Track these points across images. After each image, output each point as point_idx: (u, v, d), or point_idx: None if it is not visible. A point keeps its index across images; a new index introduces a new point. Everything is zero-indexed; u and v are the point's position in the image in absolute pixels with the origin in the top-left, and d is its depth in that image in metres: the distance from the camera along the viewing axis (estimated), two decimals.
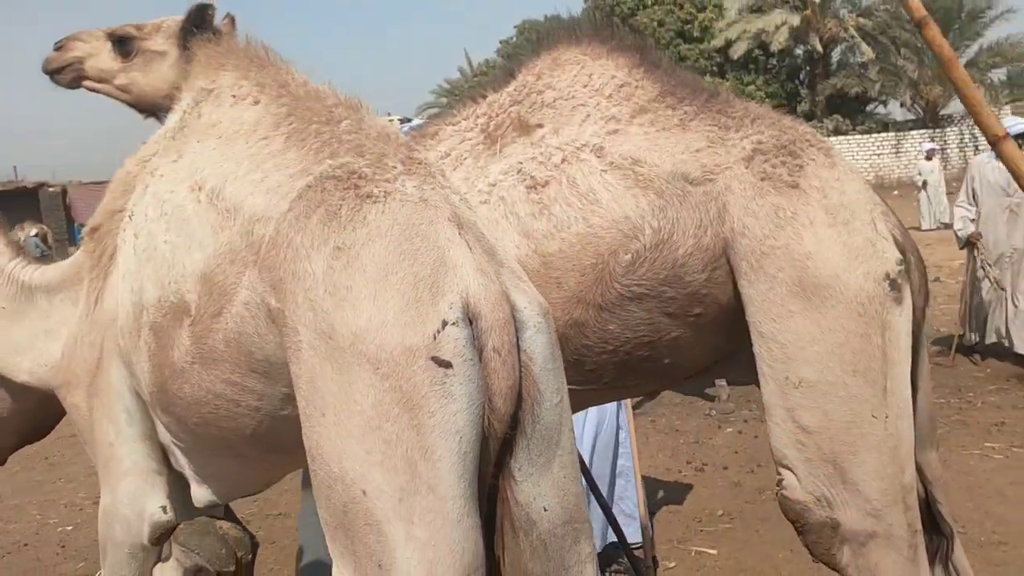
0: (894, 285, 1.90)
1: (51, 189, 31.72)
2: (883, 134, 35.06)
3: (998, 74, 37.81)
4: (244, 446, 1.86)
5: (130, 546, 2.13)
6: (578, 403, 2.37)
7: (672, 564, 4.36)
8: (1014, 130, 6.98)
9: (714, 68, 37.35)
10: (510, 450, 1.52)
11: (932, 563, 2.04)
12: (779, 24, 34.61)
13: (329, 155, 1.67)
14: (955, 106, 36.79)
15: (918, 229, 17.95)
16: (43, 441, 2.87)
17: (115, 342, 2.00)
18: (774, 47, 35.09)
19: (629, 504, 4.24)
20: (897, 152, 34.15)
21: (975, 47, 35.24)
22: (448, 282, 1.47)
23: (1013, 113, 35.65)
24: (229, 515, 3.11)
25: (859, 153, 33.83)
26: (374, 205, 1.55)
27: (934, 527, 2.09)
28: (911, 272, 1.97)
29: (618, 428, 4.21)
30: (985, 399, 6.64)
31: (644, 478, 4.42)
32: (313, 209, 1.57)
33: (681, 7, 37.52)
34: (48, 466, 6.84)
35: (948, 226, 17.11)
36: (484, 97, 2.31)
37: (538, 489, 1.54)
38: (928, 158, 19.80)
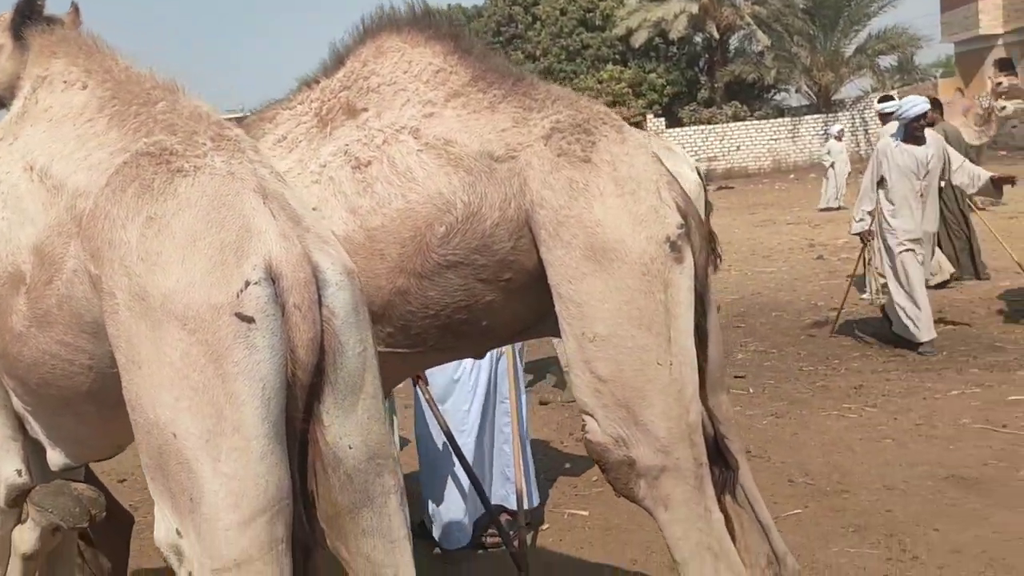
0: (674, 247, 2.14)
1: None
2: (780, 119, 36.16)
3: (888, 60, 39.29)
4: (82, 404, 2.00)
5: None
6: (408, 366, 2.57)
7: (546, 526, 4.60)
8: (913, 111, 7.11)
9: (616, 56, 37.87)
10: (318, 396, 1.70)
11: (721, 492, 2.29)
12: (678, 12, 35.33)
13: (145, 134, 1.84)
14: (846, 91, 38.20)
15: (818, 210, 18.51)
16: None
17: None
18: (673, 35, 35.79)
19: (508, 468, 4.44)
20: (794, 137, 35.24)
21: (864, 34, 36.59)
22: (252, 246, 1.64)
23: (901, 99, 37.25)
24: (91, 479, 3.22)
25: (757, 138, 34.83)
26: (184, 179, 1.71)
27: (723, 461, 2.35)
28: (692, 235, 2.21)
29: (501, 396, 4.40)
30: (848, 365, 7.08)
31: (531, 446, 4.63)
32: (128, 183, 1.73)
33: None
34: None
35: (844, 208, 17.83)
36: (317, 83, 2.48)
37: (344, 429, 1.73)
38: (838, 138, 20.07)
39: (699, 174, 2.42)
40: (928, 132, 7.35)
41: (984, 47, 37.13)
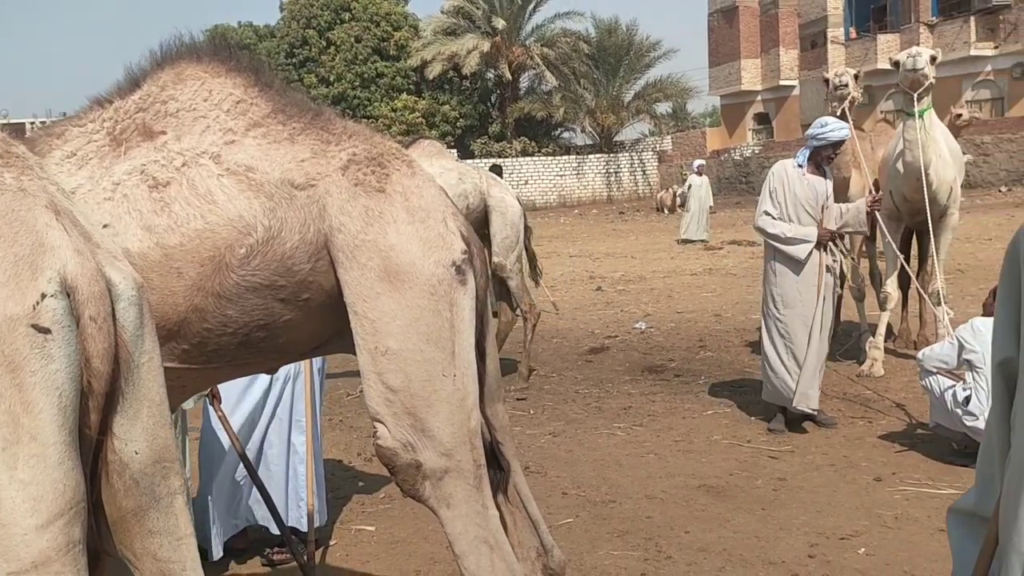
0: (460, 270, 2.40)
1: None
2: (566, 156, 37.93)
3: (664, 107, 42.19)
4: None
5: None
6: (205, 380, 2.66)
7: (333, 542, 4.71)
8: (835, 135, 6.05)
9: (411, 87, 38.34)
10: (110, 405, 1.78)
11: (496, 492, 2.55)
12: (471, 48, 36.37)
13: None
14: (626, 133, 40.68)
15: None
16: None
17: None
18: (466, 70, 36.78)
19: (303, 489, 4.51)
20: (578, 174, 37.03)
21: (642, 82, 39.16)
22: (46, 260, 1.70)
23: (674, 143, 40.13)
24: None
25: (544, 174, 36.34)
26: None
27: (497, 464, 2.61)
28: (474, 260, 2.47)
29: (297, 414, 4.47)
30: (619, 388, 7.66)
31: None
32: None
33: (378, 24, 38.20)
34: None
35: (704, 241, 18.94)
36: (111, 102, 2.53)
37: (130, 435, 1.82)
38: (699, 173, 21.11)
39: (520, 203, 2.69)
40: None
41: (745, 101, 40.84)
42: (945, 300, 7.15)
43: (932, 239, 7.29)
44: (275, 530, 4.24)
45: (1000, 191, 24.79)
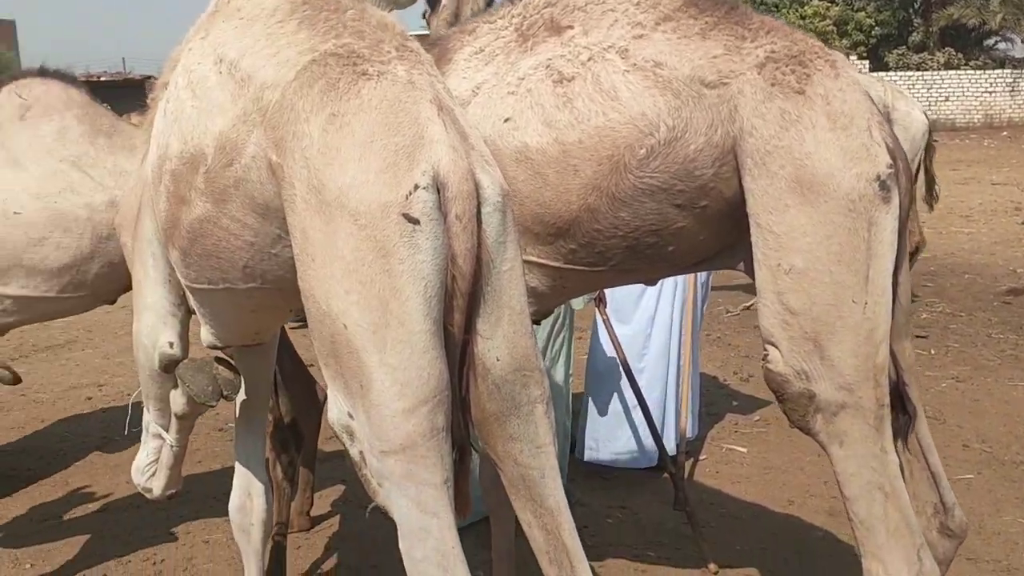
0: (883, 186, 2.11)
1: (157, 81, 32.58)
2: (999, 71, 33.27)
3: None
4: (236, 278, 2.14)
5: (148, 369, 2.54)
6: (587, 283, 2.65)
7: (703, 457, 4.66)
8: None
9: None
10: (472, 307, 1.79)
11: (895, 438, 2.27)
12: None
13: (335, 36, 1.92)
14: None
15: None
16: None
17: (147, 194, 2.34)
18: None
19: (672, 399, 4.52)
20: (1012, 91, 32.43)
21: None
22: (423, 153, 1.72)
23: None
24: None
25: (970, 89, 32.28)
26: (368, 81, 1.80)
27: (902, 407, 2.32)
28: (900, 176, 2.16)
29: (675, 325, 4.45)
30: None
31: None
32: (315, 79, 1.83)
33: None
34: None
35: None
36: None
37: (491, 342, 1.83)
38: None
39: (927, 118, 2.35)
40: None
41: None
42: None
43: None
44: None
45: None
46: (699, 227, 2.32)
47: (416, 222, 1.69)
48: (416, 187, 1.69)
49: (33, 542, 3.94)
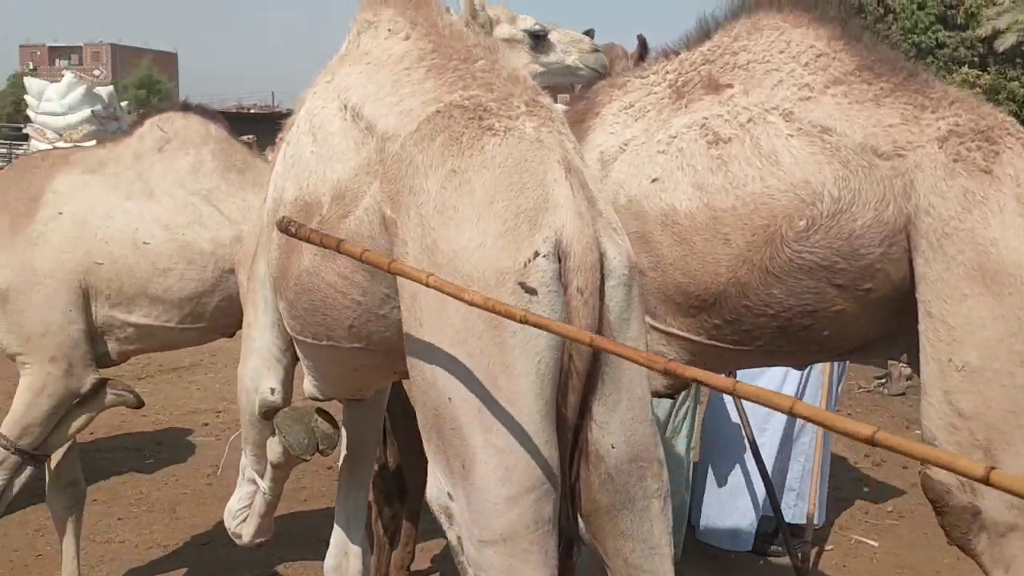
0: None
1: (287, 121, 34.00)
2: None
3: None
4: (340, 336, 2.04)
5: (249, 414, 2.44)
6: (729, 362, 2.44)
7: (830, 547, 4.33)
8: None
9: (974, 59, 34.41)
10: (589, 388, 1.63)
11: None
12: None
13: (462, 87, 1.81)
14: None
15: None
16: None
17: (264, 236, 2.27)
18: None
19: (797, 481, 4.21)
20: None
21: None
22: (546, 218, 1.58)
23: None
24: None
25: None
26: (493, 137, 1.68)
27: None
28: None
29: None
30: None
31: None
32: (438, 132, 1.72)
33: None
34: None
35: None
36: (676, 54, 2.40)
37: (607, 428, 1.66)
38: None
39: None
40: None
41: None
42: None
43: None
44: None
45: None
46: (860, 311, 2.10)
47: (533, 292, 1.55)
48: (536, 254, 1.56)
49: (139, 572, 3.95)
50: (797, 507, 4.15)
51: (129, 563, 4.01)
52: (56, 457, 3.22)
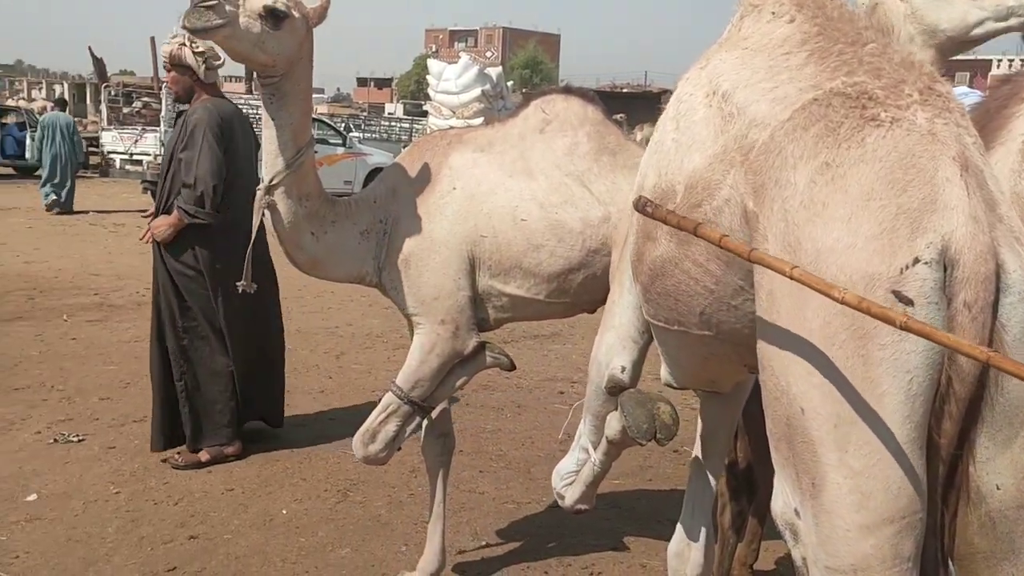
0: None
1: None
2: None
3: None
4: (691, 323, 1.97)
5: (596, 385, 2.46)
6: None
7: None
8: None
9: None
10: (971, 418, 1.43)
11: None
12: None
13: (845, 73, 1.64)
14: None
15: None
16: None
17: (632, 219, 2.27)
18: None
19: None
20: None
21: None
22: (932, 220, 1.40)
23: None
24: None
25: None
26: (876, 129, 1.51)
27: None
28: None
29: None
30: None
31: None
32: (813, 122, 1.58)
33: None
34: None
35: None
36: None
37: (993, 463, 1.47)
38: None
39: None
40: None
41: None
42: None
43: None
44: None
45: None
46: None
47: (909, 303, 1.39)
48: (916, 260, 1.40)
49: (495, 523, 4.25)
50: None
51: (487, 514, 4.32)
52: (434, 410, 3.53)
